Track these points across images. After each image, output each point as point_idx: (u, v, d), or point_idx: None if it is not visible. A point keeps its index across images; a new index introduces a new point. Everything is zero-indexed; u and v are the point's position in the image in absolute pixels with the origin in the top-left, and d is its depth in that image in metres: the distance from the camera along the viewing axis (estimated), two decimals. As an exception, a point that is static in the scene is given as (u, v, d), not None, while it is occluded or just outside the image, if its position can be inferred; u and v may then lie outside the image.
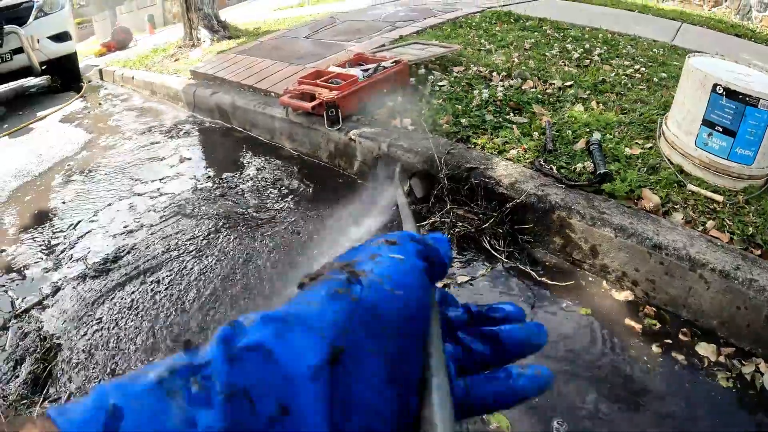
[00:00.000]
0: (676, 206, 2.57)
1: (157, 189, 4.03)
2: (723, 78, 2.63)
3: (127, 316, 2.64)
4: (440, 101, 3.87)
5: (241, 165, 4.24)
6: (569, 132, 3.25)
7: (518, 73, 4.31)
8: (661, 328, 2.25)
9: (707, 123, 2.71)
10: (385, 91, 4.05)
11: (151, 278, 2.91)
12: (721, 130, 2.67)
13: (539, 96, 3.87)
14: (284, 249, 3.00)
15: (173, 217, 3.54)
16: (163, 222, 3.49)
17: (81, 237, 3.52)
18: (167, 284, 2.83)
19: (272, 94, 4.87)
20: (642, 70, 4.46)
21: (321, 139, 3.94)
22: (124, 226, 3.54)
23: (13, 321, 2.79)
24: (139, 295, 2.79)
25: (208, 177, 4.11)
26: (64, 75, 9.00)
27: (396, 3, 8.49)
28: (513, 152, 3.06)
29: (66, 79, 9.03)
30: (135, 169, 4.53)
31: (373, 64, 4.20)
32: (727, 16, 8.53)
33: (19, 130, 6.69)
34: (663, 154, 2.98)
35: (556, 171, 2.81)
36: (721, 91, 2.62)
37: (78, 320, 2.69)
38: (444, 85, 4.18)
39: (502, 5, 7.31)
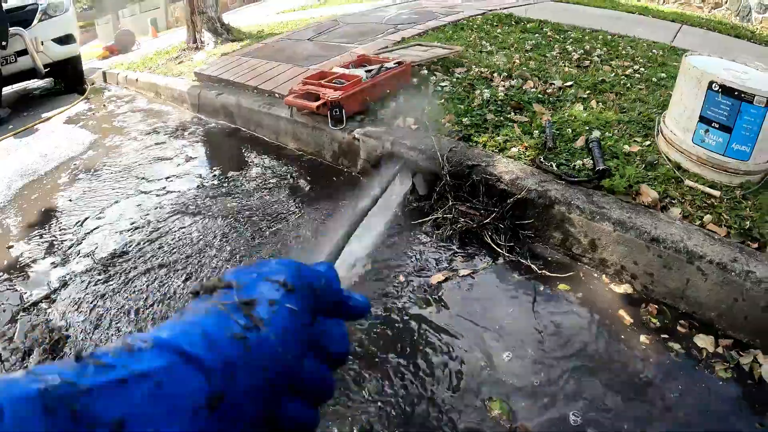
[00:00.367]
0: (673, 201, 2.62)
1: (163, 187, 4.08)
2: (719, 75, 2.68)
3: (133, 310, 2.70)
4: (442, 101, 3.92)
5: (246, 164, 4.29)
6: (569, 130, 3.30)
7: (519, 73, 4.37)
8: (659, 320, 2.29)
9: (704, 120, 2.76)
10: (388, 91, 4.10)
11: (157, 273, 2.96)
12: (718, 126, 2.71)
13: (540, 96, 3.92)
14: (287, 247, 3.05)
15: (179, 214, 3.59)
16: (170, 219, 3.55)
17: (88, 233, 3.57)
18: (173, 279, 2.89)
19: (276, 95, 4.92)
20: (641, 70, 4.51)
21: (325, 139, 3.99)
22: (131, 223, 3.59)
23: (22, 314, 2.85)
24: (145, 289, 2.85)
25: (214, 176, 4.17)
26: (68, 77, 9.06)
27: (398, 6, 8.54)
28: (514, 150, 3.11)
29: (70, 82, 9.08)
30: (141, 168, 4.58)
31: (377, 65, 4.27)
32: (726, 18, 8.59)
33: (25, 131, 6.73)
34: (661, 151, 3.03)
35: (556, 168, 2.86)
36: (717, 88, 2.67)
37: (85, 313, 2.75)
38: (446, 86, 4.23)
39: (503, 7, 7.37)
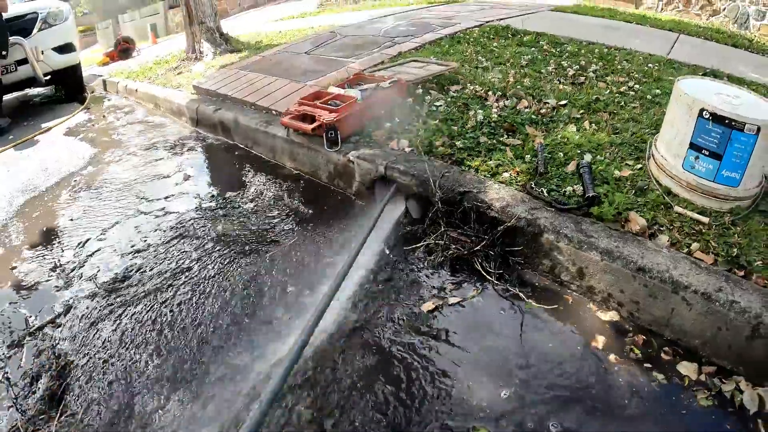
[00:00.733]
0: (662, 228, 2.65)
1: (162, 208, 4.11)
2: (710, 103, 2.70)
3: (136, 336, 2.74)
4: (437, 122, 3.95)
5: (244, 184, 4.33)
6: (561, 154, 3.33)
7: (513, 92, 4.40)
8: (644, 348, 2.34)
9: (694, 146, 2.79)
10: (383, 111, 4.14)
11: (159, 298, 3.00)
12: (708, 153, 2.74)
13: (533, 116, 3.95)
14: (283, 271, 3.10)
15: (178, 237, 3.63)
16: (169, 242, 3.58)
17: (90, 255, 3.60)
18: (175, 304, 2.93)
19: (273, 111, 4.96)
20: (636, 87, 4.54)
21: (321, 160, 4.04)
22: (132, 246, 3.62)
23: (28, 338, 2.87)
24: (148, 314, 2.89)
25: (212, 196, 4.20)
26: (68, 85, 9.11)
27: (395, 16, 8.57)
28: (506, 175, 3.15)
29: (70, 90, 9.13)
30: (140, 186, 4.61)
31: (372, 84, 4.30)
32: (724, 25, 8.60)
33: (25, 142, 6.75)
34: (652, 175, 3.06)
35: (546, 194, 2.90)
36: (707, 116, 2.70)
37: (90, 339, 2.78)
38: (441, 105, 4.27)
39: (500, 19, 7.39)
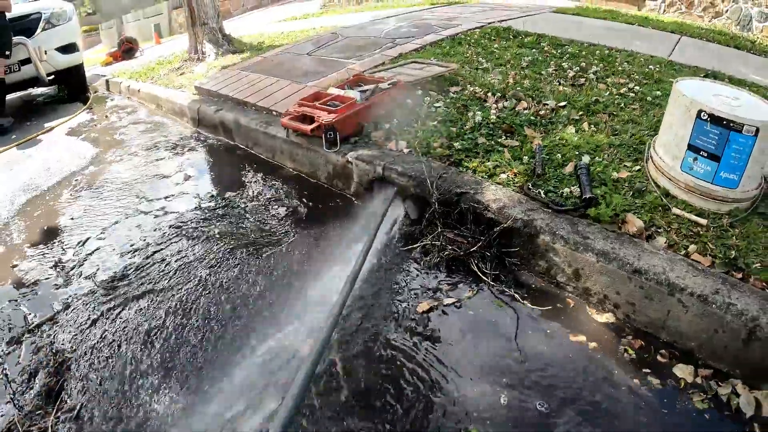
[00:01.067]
0: (659, 230, 2.64)
1: (162, 207, 4.13)
2: (708, 104, 2.69)
3: (135, 333, 2.75)
4: (435, 123, 3.96)
5: (243, 184, 4.34)
6: (559, 155, 3.33)
7: (513, 93, 4.40)
8: (639, 350, 2.33)
9: (692, 148, 2.78)
10: (383, 112, 4.15)
11: (157, 297, 3.01)
12: (706, 155, 2.73)
13: (532, 117, 3.95)
14: (281, 270, 3.10)
15: (177, 237, 3.64)
16: (168, 242, 3.60)
17: (89, 254, 3.62)
18: (173, 303, 2.94)
19: (274, 112, 4.96)
20: (636, 88, 4.53)
21: (320, 161, 4.04)
22: (131, 245, 3.63)
23: (27, 335, 2.90)
24: (146, 313, 2.89)
25: (212, 196, 4.21)
26: (72, 85, 9.11)
27: (398, 17, 8.56)
28: (503, 176, 3.15)
29: (73, 90, 9.14)
30: (141, 186, 4.63)
31: (371, 85, 4.30)
32: (727, 27, 8.57)
33: (27, 142, 6.77)
34: (650, 176, 3.05)
35: (543, 195, 2.90)
36: (705, 117, 2.69)
37: (88, 336, 2.80)
38: (440, 106, 4.27)
39: (501, 20, 7.38)
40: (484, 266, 2.79)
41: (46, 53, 8.12)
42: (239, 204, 3.98)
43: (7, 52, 7.41)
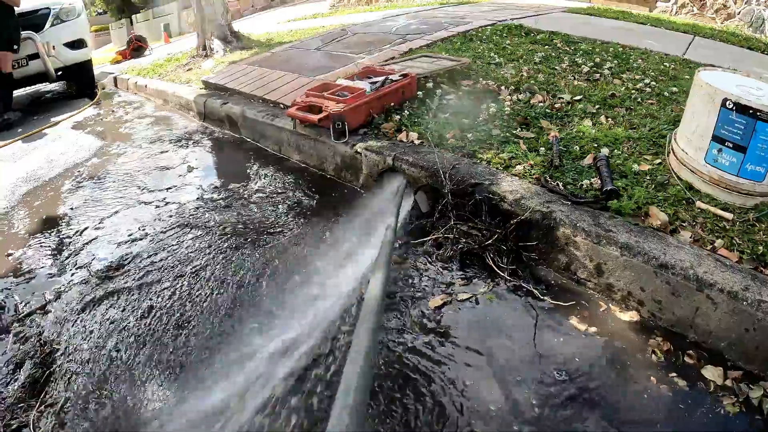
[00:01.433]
0: (684, 224, 2.52)
1: (164, 198, 4.04)
2: (733, 92, 2.58)
3: (127, 325, 2.64)
4: (447, 115, 3.85)
5: (248, 176, 4.25)
6: (576, 147, 3.22)
7: (527, 87, 4.30)
8: (666, 350, 2.20)
9: (717, 139, 2.65)
10: (393, 104, 4.04)
11: (153, 288, 2.91)
12: (731, 145, 2.60)
13: (547, 110, 3.85)
14: (283, 262, 2.99)
15: (177, 227, 3.54)
16: (168, 232, 3.50)
17: (86, 243, 3.54)
18: (168, 294, 2.83)
19: (281, 105, 4.88)
20: (652, 84, 4.42)
21: (328, 152, 3.93)
22: (129, 235, 3.55)
23: (15, 325, 2.81)
24: (140, 304, 2.79)
25: (215, 187, 4.12)
26: (79, 81, 9.19)
27: (407, 15, 8.50)
28: (519, 168, 3.03)
29: (81, 86, 9.20)
30: (143, 177, 4.56)
31: (381, 77, 4.20)
32: (739, 29, 8.47)
33: (32, 135, 6.77)
34: (672, 170, 2.93)
35: (562, 187, 2.77)
36: (730, 106, 2.56)
37: (78, 327, 2.70)
38: (452, 99, 4.16)
39: (513, 18, 7.30)
40: (499, 260, 2.66)
41: (54, 48, 8.19)
42: (243, 195, 3.88)
43: (15, 47, 7.49)
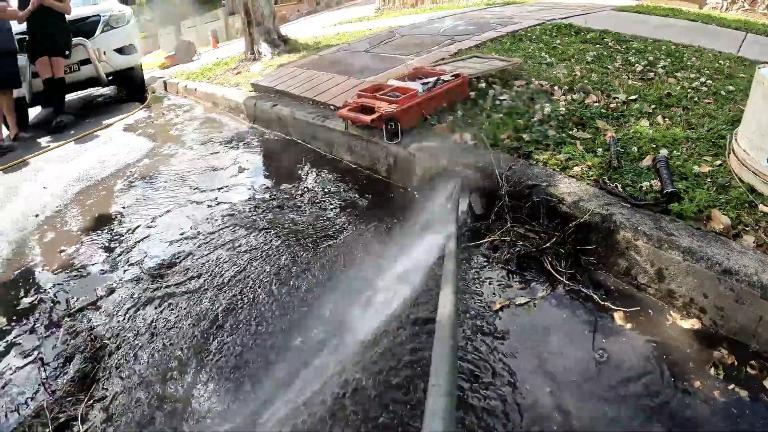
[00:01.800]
0: (746, 228, 2.44)
1: (215, 198, 4.10)
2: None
3: (177, 322, 2.69)
4: (501, 116, 3.81)
5: (299, 177, 4.27)
6: (635, 148, 3.15)
7: (580, 87, 4.24)
8: (727, 360, 2.12)
9: (781, 139, 2.58)
10: (445, 104, 4.03)
11: (204, 286, 2.95)
12: (795, 146, 2.53)
13: (603, 110, 3.78)
14: (337, 264, 2.99)
15: (229, 226, 3.59)
16: (219, 231, 3.55)
17: (138, 241, 3.62)
18: (220, 292, 2.87)
19: (331, 107, 4.90)
20: (708, 82, 4.31)
21: (380, 153, 3.93)
22: (181, 233, 3.61)
23: (67, 319, 2.88)
24: (191, 302, 2.83)
25: (266, 188, 4.17)
26: (130, 86, 9.42)
27: (454, 17, 8.46)
28: (576, 169, 2.98)
29: (131, 90, 9.43)
30: (194, 178, 4.63)
31: (433, 78, 4.19)
32: (794, 26, 8.23)
33: (85, 137, 6.95)
34: (733, 171, 2.84)
35: (621, 189, 2.72)
36: (794, 104, 2.49)
37: (129, 323, 2.76)
38: (504, 99, 4.12)
39: (562, 17, 7.21)
40: (558, 264, 2.62)
41: (105, 54, 8.42)
42: (295, 196, 3.90)
43: (67, 53, 7.72)
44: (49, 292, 3.21)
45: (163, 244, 3.54)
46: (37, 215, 4.45)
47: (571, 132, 3.47)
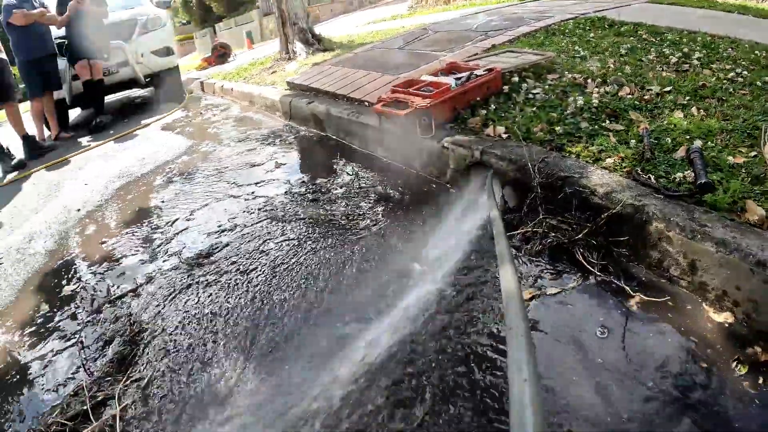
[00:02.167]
0: (782, 219, 2.43)
1: (252, 192, 4.19)
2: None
3: (215, 309, 2.76)
4: (534, 109, 3.82)
5: (334, 172, 4.34)
6: (668, 140, 3.14)
7: (614, 79, 4.22)
8: (761, 357, 2.10)
9: (815, 130, 2.56)
10: (478, 99, 4.05)
11: (242, 275, 3.02)
12: (831, 137, 2.51)
13: (636, 102, 3.76)
14: (373, 257, 3.03)
15: (266, 219, 3.67)
16: (257, 223, 3.63)
17: (177, 233, 3.74)
18: (257, 282, 2.93)
19: (366, 103, 4.95)
20: (744, 73, 4.26)
21: (414, 147, 3.96)
22: (219, 226, 3.71)
23: (107, 306, 3.01)
24: (228, 290, 2.91)
25: (302, 182, 4.24)
26: (167, 87, 9.55)
27: (487, 13, 8.46)
28: (609, 161, 2.98)
29: (169, 91, 9.59)
30: (232, 173, 4.73)
31: (466, 73, 4.21)
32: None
33: (124, 136, 7.13)
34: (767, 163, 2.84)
35: (654, 180, 2.72)
36: (832, 96, 2.47)
37: (168, 309, 2.85)
38: (538, 93, 4.13)
39: (596, 11, 7.17)
40: (589, 255, 2.63)
41: (143, 56, 8.62)
42: (330, 190, 3.97)
43: (105, 55, 7.90)
44: (91, 281, 3.34)
45: (201, 235, 3.64)
46: (79, 210, 4.61)
47: (604, 124, 3.46)
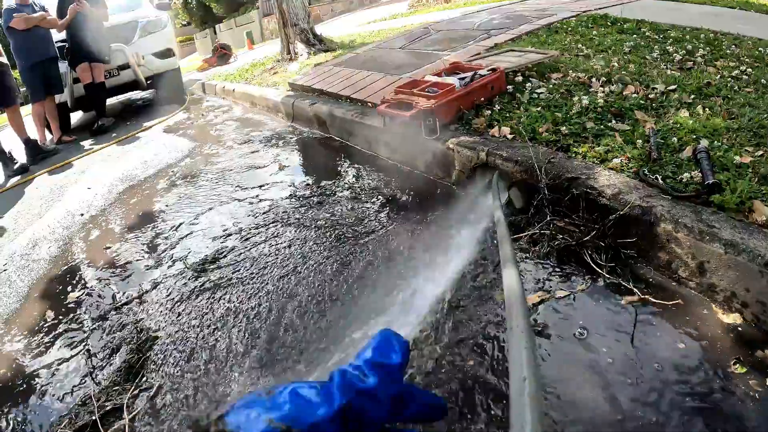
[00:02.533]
0: (790, 220, 2.42)
1: (256, 195, 4.19)
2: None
3: (221, 316, 2.74)
4: (539, 109, 3.80)
5: (339, 173, 4.33)
6: (674, 139, 3.12)
7: (618, 78, 4.21)
8: (768, 356, 2.08)
9: (823, 128, 2.54)
10: (483, 99, 4.04)
11: (247, 281, 3.01)
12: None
13: (641, 101, 3.74)
14: (378, 259, 3.01)
15: (271, 223, 3.66)
16: (261, 228, 3.62)
17: (182, 238, 3.73)
18: (263, 287, 2.92)
19: (369, 104, 4.94)
20: (748, 71, 4.24)
21: (418, 148, 3.95)
22: (223, 230, 3.70)
23: (113, 313, 2.99)
24: (234, 296, 2.89)
25: (307, 185, 4.23)
26: (168, 88, 9.56)
27: (488, 11, 8.44)
28: (616, 161, 2.97)
29: (170, 92, 9.61)
30: (235, 176, 4.73)
31: (470, 73, 4.19)
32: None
33: (126, 139, 7.13)
34: (775, 162, 2.82)
35: (661, 181, 2.70)
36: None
37: (173, 316, 2.84)
38: (542, 93, 4.11)
39: (597, 8, 7.15)
40: (598, 257, 2.62)
41: (144, 58, 8.64)
42: (335, 192, 3.96)
43: (106, 58, 7.91)
44: (96, 288, 3.33)
45: (206, 239, 3.63)
46: (83, 214, 4.61)
47: (609, 124, 3.45)
